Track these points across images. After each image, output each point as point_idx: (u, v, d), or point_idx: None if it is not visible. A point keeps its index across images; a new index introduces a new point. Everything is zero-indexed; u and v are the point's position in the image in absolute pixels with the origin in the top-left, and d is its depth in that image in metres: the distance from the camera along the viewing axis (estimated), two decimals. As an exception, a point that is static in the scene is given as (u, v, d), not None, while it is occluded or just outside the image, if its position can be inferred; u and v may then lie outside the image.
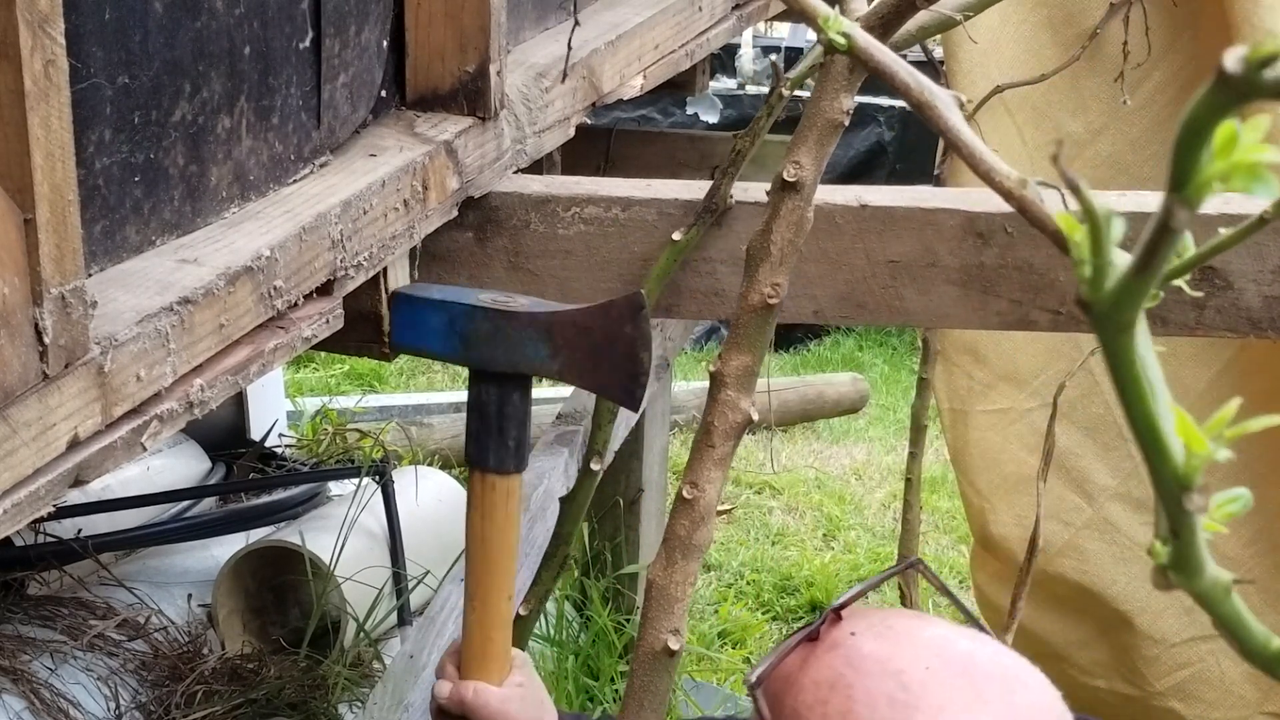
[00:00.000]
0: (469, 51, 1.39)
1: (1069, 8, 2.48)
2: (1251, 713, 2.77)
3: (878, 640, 0.96)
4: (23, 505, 0.82)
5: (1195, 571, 0.41)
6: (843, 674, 0.94)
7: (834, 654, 0.96)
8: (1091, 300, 0.39)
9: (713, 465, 1.10)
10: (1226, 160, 0.35)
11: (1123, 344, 0.39)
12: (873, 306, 1.45)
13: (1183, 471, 0.39)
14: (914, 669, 0.92)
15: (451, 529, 3.19)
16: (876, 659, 0.94)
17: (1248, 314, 1.38)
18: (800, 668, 0.97)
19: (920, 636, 0.96)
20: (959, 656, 0.94)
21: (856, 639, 0.97)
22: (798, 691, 0.96)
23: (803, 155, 1.12)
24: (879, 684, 0.92)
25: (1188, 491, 0.40)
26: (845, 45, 0.61)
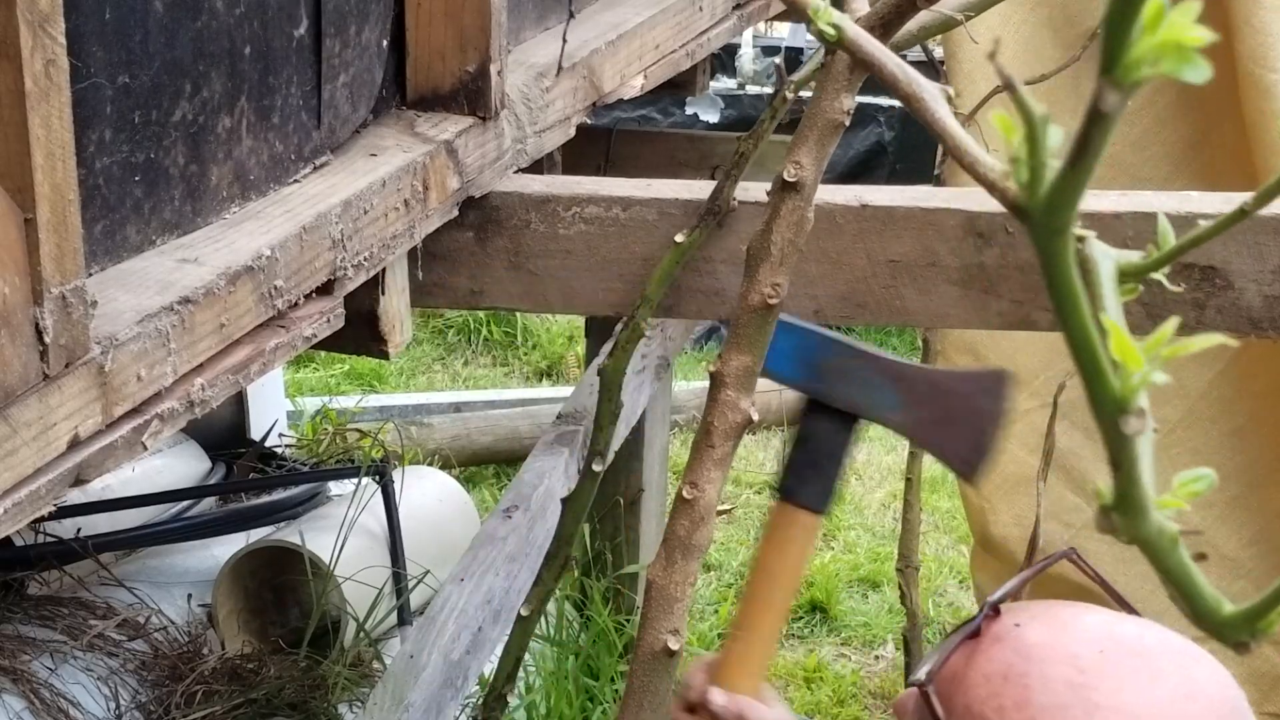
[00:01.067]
0: (469, 51, 1.39)
1: (1069, 8, 2.48)
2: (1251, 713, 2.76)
3: (1044, 628, 0.95)
4: (23, 505, 0.82)
5: (1139, 513, 0.39)
6: (1013, 664, 0.93)
7: (1000, 646, 0.95)
8: (1028, 204, 0.38)
9: (713, 465, 1.10)
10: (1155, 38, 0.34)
11: (1058, 247, 0.38)
12: (873, 306, 1.45)
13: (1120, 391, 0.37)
14: (1087, 652, 0.91)
15: (451, 529, 3.20)
16: (1046, 645, 0.93)
17: (1248, 314, 1.38)
18: (967, 664, 0.96)
19: (1085, 622, 0.95)
20: (1129, 638, 0.94)
21: (1021, 630, 0.96)
22: (968, 688, 0.95)
23: (803, 155, 1.12)
24: (1054, 669, 0.91)
25: (1125, 414, 0.38)
26: (835, 37, 0.61)
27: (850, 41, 0.61)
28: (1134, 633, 0.95)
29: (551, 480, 2.10)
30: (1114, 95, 0.35)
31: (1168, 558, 0.40)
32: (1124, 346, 0.38)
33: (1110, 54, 0.34)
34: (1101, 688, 0.89)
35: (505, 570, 1.96)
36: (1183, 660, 0.93)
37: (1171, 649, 0.94)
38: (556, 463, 2.14)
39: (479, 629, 1.91)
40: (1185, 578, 0.40)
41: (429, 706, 1.77)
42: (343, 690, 2.71)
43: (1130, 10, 0.34)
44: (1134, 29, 0.34)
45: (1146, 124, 2.53)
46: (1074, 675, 0.90)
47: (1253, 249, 1.37)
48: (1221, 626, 0.40)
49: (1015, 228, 1.40)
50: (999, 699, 0.92)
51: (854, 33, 0.61)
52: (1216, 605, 0.40)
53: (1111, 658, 0.91)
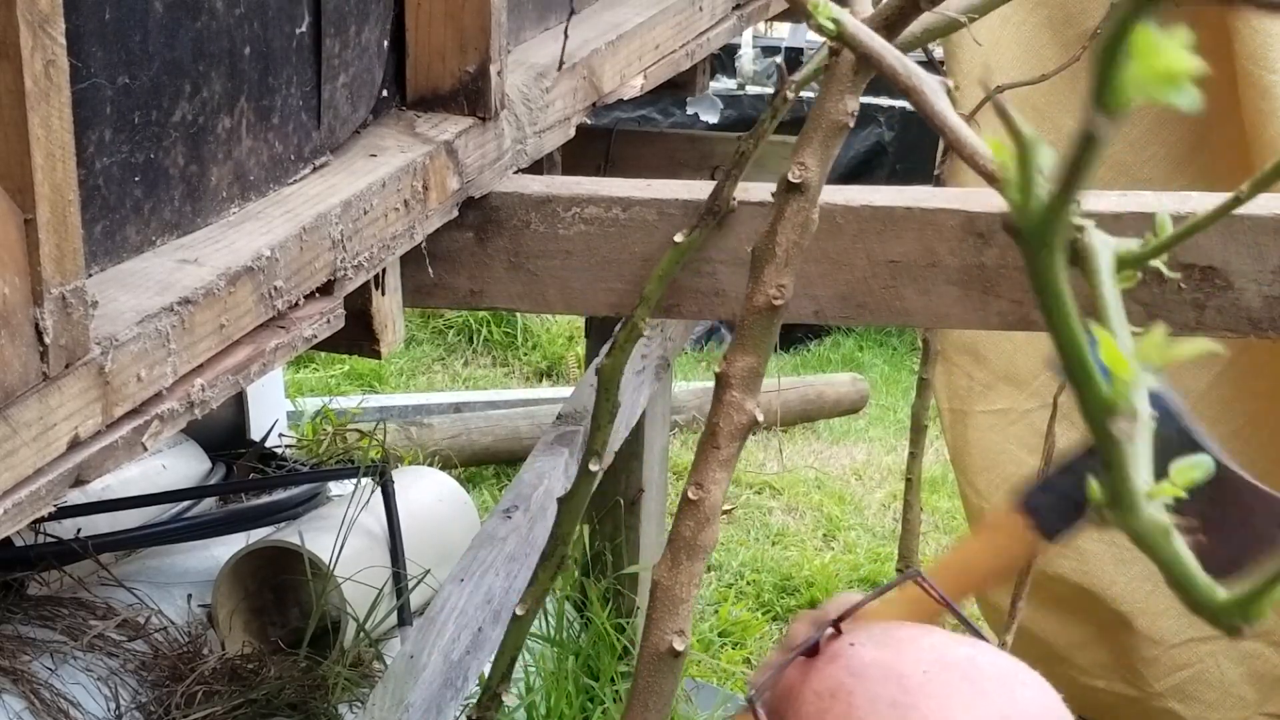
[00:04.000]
0: (469, 51, 1.39)
1: (1069, 8, 2.48)
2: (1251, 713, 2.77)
3: (878, 649, 0.97)
4: (23, 505, 0.82)
5: (1131, 508, 0.40)
6: (844, 682, 0.94)
7: (834, 664, 0.97)
8: (1019, 221, 0.39)
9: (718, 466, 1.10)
10: (1145, 67, 0.35)
11: (1048, 263, 0.39)
12: (873, 306, 1.45)
13: (1109, 396, 0.39)
14: (914, 672, 0.93)
15: (451, 529, 3.20)
16: (876, 665, 0.95)
17: (1248, 314, 1.38)
18: (801, 680, 0.98)
19: (920, 643, 0.97)
20: (959, 660, 0.95)
21: (856, 648, 0.97)
22: (799, 703, 0.97)
23: (808, 157, 1.12)
24: (880, 688, 0.93)
25: (1113, 416, 0.39)
26: (834, 31, 0.61)
27: (850, 36, 0.62)
28: (965, 655, 0.96)
29: (551, 480, 2.10)
30: (1103, 120, 0.36)
31: (1161, 550, 0.41)
32: (1113, 354, 0.39)
33: (1100, 83, 0.35)
34: (921, 707, 0.90)
35: (505, 570, 1.96)
36: (1009, 683, 0.94)
37: (1000, 672, 0.95)
38: (556, 463, 2.14)
39: (479, 629, 1.91)
40: (1179, 568, 0.41)
41: (429, 707, 1.77)
42: (343, 690, 2.71)
43: (1121, 36, 0.35)
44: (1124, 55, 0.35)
45: (1147, 124, 2.53)
46: (898, 695, 0.92)
47: (1253, 249, 1.37)
48: (1216, 613, 0.41)
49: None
50: (825, 715, 0.94)
51: (853, 27, 0.62)
52: (1210, 592, 0.41)
53: (936, 679, 0.92)
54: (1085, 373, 0.39)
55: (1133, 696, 2.86)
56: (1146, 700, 2.84)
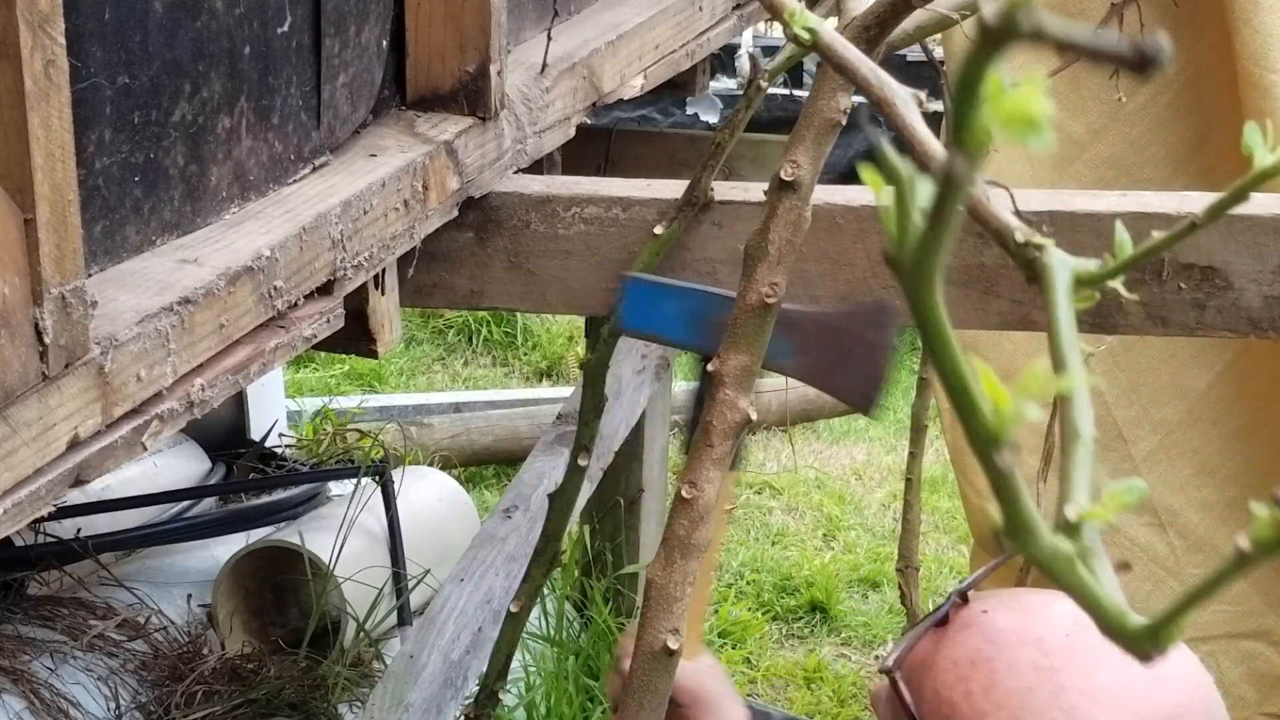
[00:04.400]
0: (469, 51, 1.39)
1: (1069, 8, 2.47)
2: (1251, 714, 2.77)
3: (1011, 614, 0.95)
4: (23, 505, 0.82)
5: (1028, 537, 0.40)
6: (981, 649, 0.93)
7: (968, 632, 0.95)
8: (896, 258, 0.40)
9: (711, 465, 1.10)
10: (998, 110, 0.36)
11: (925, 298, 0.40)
12: (873, 307, 1.45)
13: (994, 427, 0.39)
14: (1054, 636, 0.92)
15: (451, 529, 3.20)
16: (1013, 630, 0.93)
17: (1248, 314, 1.38)
18: (935, 650, 0.97)
19: (1054, 608, 0.96)
20: None
21: (989, 615, 0.96)
22: (936, 673, 0.95)
23: (800, 154, 1.12)
24: (1020, 653, 0.91)
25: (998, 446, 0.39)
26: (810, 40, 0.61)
27: (825, 46, 0.62)
28: None
29: (551, 480, 2.10)
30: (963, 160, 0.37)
31: (1066, 576, 0.41)
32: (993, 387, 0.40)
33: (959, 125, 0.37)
34: (1067, 670, 0.90)
35: (505, 570, 1.96)
36: None
37: None
38: (556, 463, 2.14)
39: (479, 629, 1.91)
40: (1086, 594, 0.41)
41: (429, 706, 1.77)
42: (343, 690, 2.71)
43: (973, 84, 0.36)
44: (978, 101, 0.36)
45: (1146, 125, 2.53)
46: (1040, 658, 0.91)
47: (1253, 249, 1.37)
48: (1129, 638, 0.41)
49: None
50: (966, 683, 0.92)
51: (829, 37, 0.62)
52: (1120, 618, 0.41)
53: (1078, 641, 0.92)
54: (970, 405, 0.40)
55: (1132, 696, 2.86)
56: (1146, 700, 2.84)
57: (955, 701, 0.92)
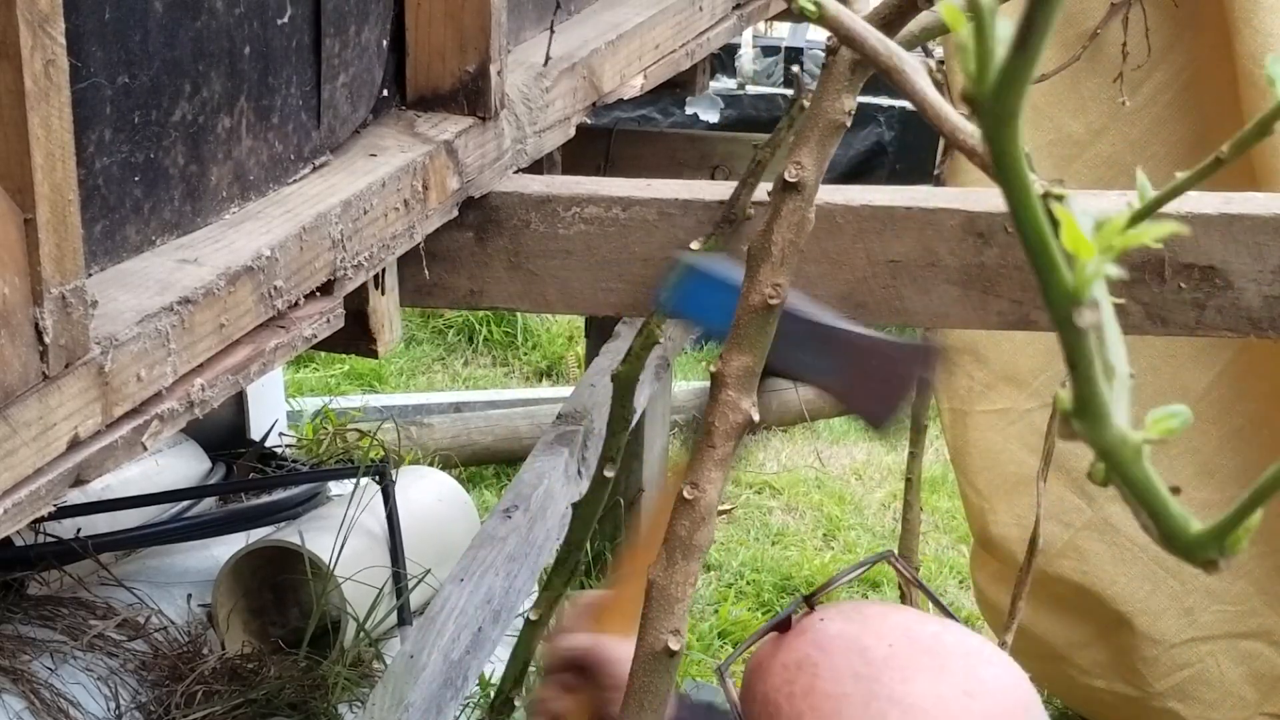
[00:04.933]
0: (469, 51, 1.39)
1: (1069, 8, 2.48)
2: (1251, 713, 2.77)
3: (845, 623, 0.98)
4: (23, 505, 0.82)
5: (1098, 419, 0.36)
6: (809, 654, 0.96)
7: (803, 638, 0.98)
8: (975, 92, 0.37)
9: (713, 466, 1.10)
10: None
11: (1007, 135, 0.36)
12: (873, 306, 1.45)
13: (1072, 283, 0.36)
14: (878, 646, 0.95)
15: (451, 528, 3.20)
16: (841, 638, 0.96)
17: (1248, 314, 1.38)
18: (771, 653, 1.00)
19: (888, 620, 0.98)
20: (925, 635, 0.96)
21: (824, 623, 0.99)
22: (767, 675, 0.98)
23: (804, 156, 1.12)
24: (842, 660, 0.94)
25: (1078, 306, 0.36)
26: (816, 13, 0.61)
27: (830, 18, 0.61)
28: (931, 632, 0.97)
29: (551, 480, 2.10)
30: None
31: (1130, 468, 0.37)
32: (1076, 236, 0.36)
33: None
34: (883, 679, 0.92)
35: (505, 570, 1.96)
36: (972, 660, 0.95)
37: (965, 649, 0.96)
38: (556, 463, 2.14)
39: (479, 629, 1.91)
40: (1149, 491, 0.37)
41: (429, 706, 1.77)
42: (343, 690, 2.71)
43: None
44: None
45: (1146, 125, 2.53)
46: (860, 667, 0.93)
47: (1253, 249, 1.37)
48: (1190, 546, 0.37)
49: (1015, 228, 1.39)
50: (790, 686, 0.95)
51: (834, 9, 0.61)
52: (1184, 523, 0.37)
53: (900, 653, 0.94)
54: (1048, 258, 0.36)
55: (1133, 696, 2.86)
56: (1146, 700, 2.84)
57: (779, 703, 0.95)
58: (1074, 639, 2.89)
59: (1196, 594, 2.71)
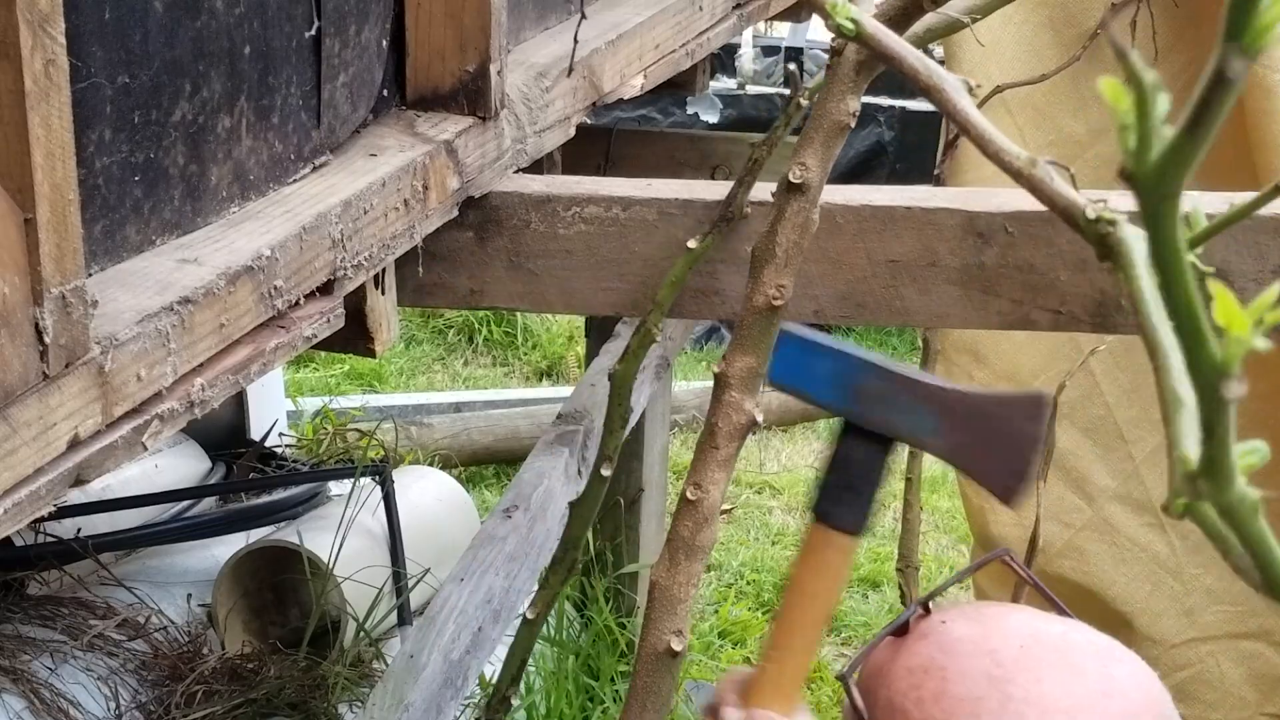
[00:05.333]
0: (469, 51, 1.39)
1: (1070, 8, 2.48)
2: (1251, 714, 2.77)
3: (968, 625, 0.96)
4: (23, 505, 0.82)
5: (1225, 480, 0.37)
6: (935, 658, 0.94)
7: (925, 641, 0.96)
8: (1135, 169, 0.37)
9: (716, 466, 1.10)
10: None
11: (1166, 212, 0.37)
12: (873, 306, 1.45)
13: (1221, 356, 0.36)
14: (1007, 647, 0.93)
15: (451, 529, 3.20)
16: (968, 640, 0.94)
17: (1248, 314, 1.38)
18: (892, 658, 0.98)
19: (1011, 620, 0.96)
20: (1053, 636, 0.95)
21: (946, 626, 0.97)
22: (891, 680, 0.96)
23: (809, 157, 1.12)
24: (973, 663, 0.92)
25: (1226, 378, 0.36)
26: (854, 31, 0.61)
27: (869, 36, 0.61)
28: (1058, 631, 0.96)
29: (551, 480, 2.10)
30: (1239, 62, 0.34)
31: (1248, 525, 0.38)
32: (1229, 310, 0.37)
33: (1235, 22, 0.33)
34: (1018, 681, 0.90)
35: (505, 570, 1.96)
36: (1104, 659, 0.94)
37: (1094, 648, 0.95)
38: (556, 463, 2.14)
39: (479, 629, 1.91)
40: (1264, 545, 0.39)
41: (429, 706, 1.77)
42: (343, 690, 2.71)
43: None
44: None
45: (1147, 124, 2.52)
46: (992, 668, 0.91)
47: (1253, 249, 1.37)
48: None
49: (1015, 227, 1.39)
50: (918, 691, 0.93)
51: (872, 27, 0.61)
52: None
53: (1031, 653, 0.92)
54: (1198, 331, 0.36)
55: (1133, 696, 2.86)
56: (1147, 700, 2.84)
57: (907, 709, 0.93)
58: (1074, 639, 2.89)
59: (1197, 594, 2.71)
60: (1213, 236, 0.45)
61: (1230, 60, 0.34)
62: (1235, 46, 0.33)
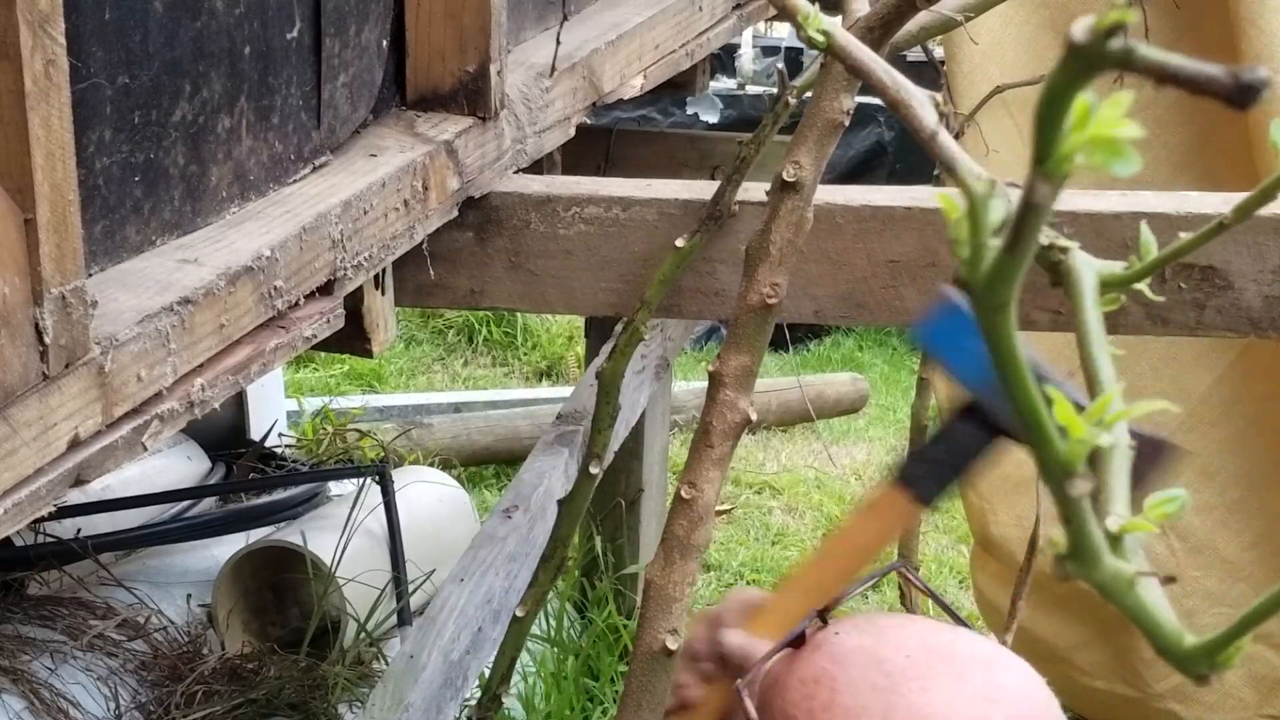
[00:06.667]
0: (469, 51, 1.39)
1: (1070, 9, 2.48)
2: (1251, 715, 2.77)
3: (861, 636, 0.98)
4: (23, 505, 0.82)
5: (1092, 561, 0.40)
6: (826, 669, 0.96)
7: (819, 653, 0.99)
8: (969, 280, 0.39)
9: (711, 465, 1.10)
10: (1084, 134, 0.34)
11: (1000, 323, 0.39)
12: (873, 306, 1.45)
13: (1065, 457, 0.39)
14: (895, 657, 0.95)
15: (451, 529, 3.20)
16: (858, 651, 0.97)
17: (1248, 314, 1.38)
18: (787, 669, 1.00)
19: (902, 631, 0.99)
20: (940, 645, 0.97)
21: (840, 637, 0.99)
22: (785, 691, 0.98)
23: (802, 155, 1.12)
24: (861, 673, 0.94)
25: (1070, 477, 0.39)
26: (824, 43, 0.61)
27: (839, 48, 0.62)
28: (947, 640, 0.98)
29: (551, 480, 2.10)
30: (1045, 188, 0.36)
31: (1124, 598, 0.41)
32: (1068, 415, 0.39)
33: (1042, 148, 0.35)
34: (902, 690, 0.92)
35: (505, 570, 1.96)
36: (990, 667, 0.96)
37: (982, 656, 0.97)
38: (556, 463, 2.14)
39: (479, 629, 1.91)
40: (1144, 615, 0.41)
41: (429, 706, 1.77)
42: (343, 690, 2.71)
43: (1060, 106, 0.34)
44: (1064, 124, 0.35)
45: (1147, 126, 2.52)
46: (879, 679, 0.94)
47: (1253, 249, 1.37)
48: (1183, 659, 0.41)
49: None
50: (809, 701, 0.95)
51: (843, 39, 0.62)
52: (1177, 639, 0.41)
53: (917, 663, 0.94)
54: (1042, 433, 0.39)
55: (1133, 697, 2.86)
56: (1146, 701, 2.84)
57: (797, 718, 0.95)
58: (1074, 640, 2.89)
59: (1197, 596, 2.71)
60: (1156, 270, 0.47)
61: (1037, 187, 0.36)
62: (1041, 172, 0.36)
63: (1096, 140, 0.34)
